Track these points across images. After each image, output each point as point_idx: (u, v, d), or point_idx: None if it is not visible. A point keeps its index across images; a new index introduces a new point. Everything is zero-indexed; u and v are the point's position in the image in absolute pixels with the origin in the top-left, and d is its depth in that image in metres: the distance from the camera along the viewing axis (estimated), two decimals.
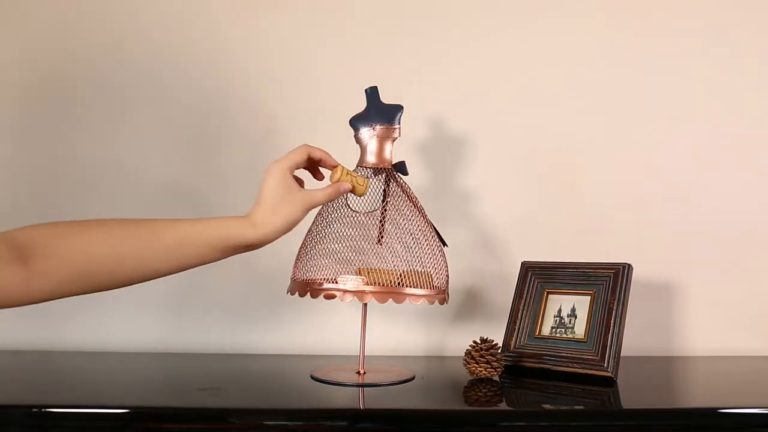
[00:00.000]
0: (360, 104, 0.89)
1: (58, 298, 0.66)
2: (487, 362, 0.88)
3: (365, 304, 0.88)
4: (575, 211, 1.14)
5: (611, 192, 1.14)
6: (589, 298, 0.94)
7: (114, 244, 0.67)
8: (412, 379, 0.88)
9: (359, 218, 0.87)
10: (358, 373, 0.89)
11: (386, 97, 0.88)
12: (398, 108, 0.88)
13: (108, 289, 0.69)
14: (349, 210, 0.87)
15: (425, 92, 1.14)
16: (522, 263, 1.02)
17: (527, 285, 1.00)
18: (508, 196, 1.14)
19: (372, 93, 0.88)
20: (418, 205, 0.89)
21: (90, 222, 0.68)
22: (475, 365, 0.88)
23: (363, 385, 0.85)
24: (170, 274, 0.71)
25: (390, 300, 0.82)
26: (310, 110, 1.14)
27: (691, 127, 1.14)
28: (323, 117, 1.12)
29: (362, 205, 0.87)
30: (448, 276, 0.89)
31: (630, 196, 1.14)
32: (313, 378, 0.87)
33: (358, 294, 0.82)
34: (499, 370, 0.89)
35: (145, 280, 0.71)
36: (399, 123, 0.87)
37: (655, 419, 0.76)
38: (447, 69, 1.15)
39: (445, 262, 0.89)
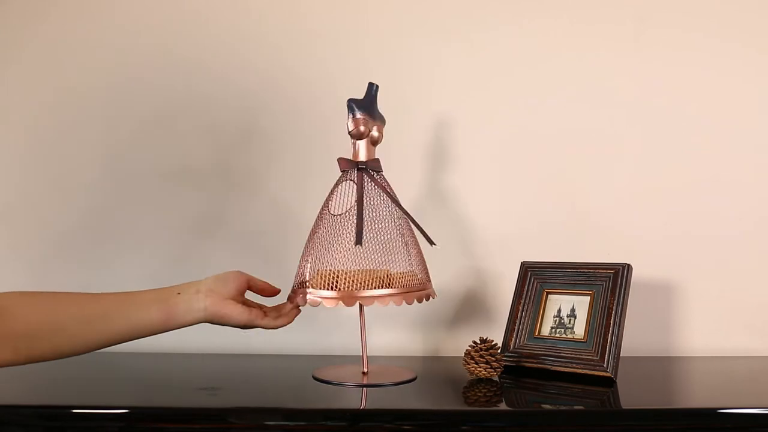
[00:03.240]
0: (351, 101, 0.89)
1: (26, 361, 0.68)
2: (487, 362, 0.88)
3: (361, 307, 0.88)
4: (574, 211, 1.14)
5: (611, 192, 1.14)
6: (588, 298, 0.94)
7: (58, 311, 0.70)
8: (414, 379, 0.88)
9: (335, 220, 0.86)
10: (364, 373, 0.89)
11: (383, 97, 0.88)
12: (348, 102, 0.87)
13: (58, 357, 0.70)
14: (328, 212, 0.87)
15: (424, 91, 1.14)
16: (521, 263, 1.03)
17: (527, 285, 1.00)
18: (507, 196, 1.14)
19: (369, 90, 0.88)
20: (395, 200, 0.88)
21: (44, 293, 0.72)
22: (475, 365, 0.88)
23: (365, 386, 0.85)
24: (126, 338, 0.73)
25: (357, 304, 0.82)
26: (303, 107, 1.14)
27: (689, 127, 1.14)
28: (316, 114, 1.13)
29: (341, 207, 0.87)
30: (427, 272, 0.89)
31: (629, 196, 1.14)
32: (315, 378, 0.87)
33: (332, 301, 0.82)
34: (498, 370, 0.89)
35: (100, 347, 0.72)
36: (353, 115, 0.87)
37: (654, 419, 0.76)
38: (446, 68, 1.15)
39: (421, 257, 0.89)
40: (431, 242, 0.88)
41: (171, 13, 1.16)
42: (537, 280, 1.00)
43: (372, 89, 0.88)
